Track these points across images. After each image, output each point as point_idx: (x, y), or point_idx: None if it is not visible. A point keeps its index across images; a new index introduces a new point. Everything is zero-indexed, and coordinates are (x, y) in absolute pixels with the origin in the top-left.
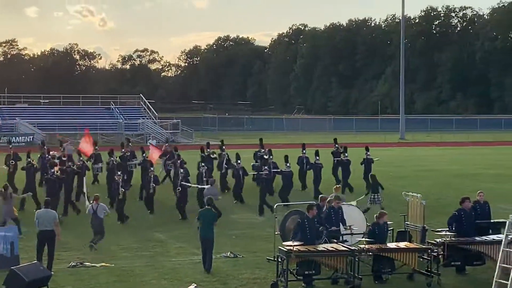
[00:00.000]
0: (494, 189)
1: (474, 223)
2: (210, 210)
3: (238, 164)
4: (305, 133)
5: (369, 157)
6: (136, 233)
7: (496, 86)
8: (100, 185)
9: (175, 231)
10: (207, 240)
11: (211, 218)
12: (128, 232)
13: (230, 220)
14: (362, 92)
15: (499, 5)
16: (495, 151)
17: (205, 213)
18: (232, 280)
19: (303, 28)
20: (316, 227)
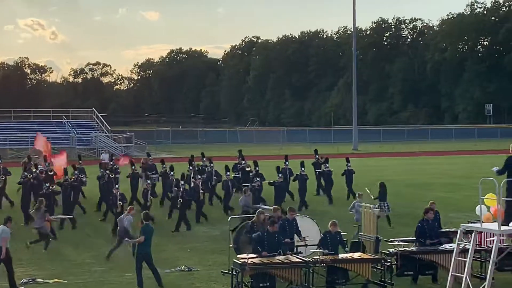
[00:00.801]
0: (445, 199)
1: (438, 233)
2: (149, 226)
3: (227, 176)
4: (259, 145)
5: (350, 168)
6: (92, 248)
7: (447, 97)
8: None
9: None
10: (146, 255)
11: (150, 233)
12: (84, 247)
13: (188, 233)
14: (315, 103)
15: (448, 17)
16: (446, 161)
17: (146, 229)
18: None
19: (256, 40)
20: (278, 241)
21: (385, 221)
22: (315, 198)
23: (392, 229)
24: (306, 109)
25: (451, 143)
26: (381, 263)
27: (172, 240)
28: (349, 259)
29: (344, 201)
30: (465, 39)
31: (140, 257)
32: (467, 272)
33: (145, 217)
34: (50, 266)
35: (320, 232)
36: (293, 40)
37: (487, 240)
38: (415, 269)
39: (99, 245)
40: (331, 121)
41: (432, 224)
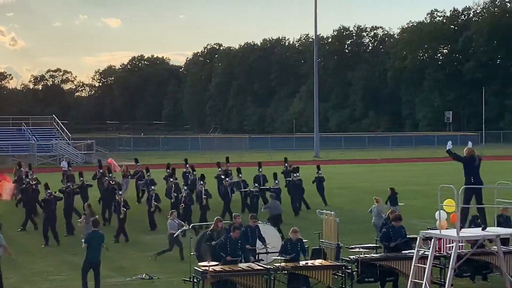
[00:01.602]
0: (405, 206)
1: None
2: (98, 232)
3: (201, 185)
4: (221, 152)
5: (320, 176)
6: (53, 256)
7: (407, 104)
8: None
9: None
10: (95, 263)
11: (99, 240)
12: (42, 255)
13: (147, 241)
14: (277, 110)
15: (409, 25)
16: (407, 168)
17: (94, 236)
18: None
19: (218, 48)
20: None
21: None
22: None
23: (357, 236)
24: (268, 116)
25: (411, 150)
26: (342, 270)
27: (133, 247)
28: (310, 266)
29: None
30: (425, 47)
31: (87, 265)
32: (426, 278)
33: (93, 223)
34: (7, 275)
35: (281, 240)
36: (255, 48)
37: (447, 247)
38: (375, 276)
39: (60, 253)
40: (293, 128)
41: (398, 230)
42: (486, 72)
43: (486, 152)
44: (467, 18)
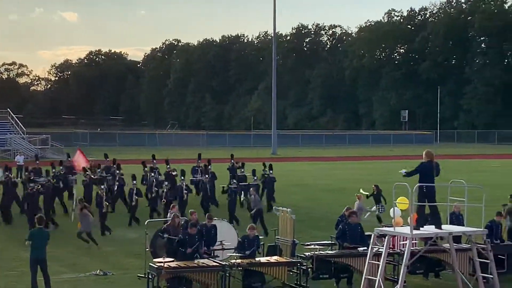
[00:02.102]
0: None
1: (359, 237)
2: (41, 230)
3: (182, 180)
4: (178, 148)
5: (271, 176)
6: (6, 251)
7: (364, 103)
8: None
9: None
10: (41, 261)
11: (43, 238)
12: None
13: (104, 237)
14: (235, 107)
15: (367, 24)
16: (363, 166)
17: (37, 233)
18: None
19: (176, 44)
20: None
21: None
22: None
23: (313, 233)
24: (226, 113)
25: (368, 148)
26: (297, 266)
27: (87, 244)
28: (266, 263)
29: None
30: (382, 46)
31: (32, 263)
32: (380, 275)
33: (38, 221)
34: None
35: (237, 236)
36: (214, 44)
37: (400, 244)
38: (330, 273)
39: (15, 247)
40: (251, 125)
41: (354, 227)
42: (441, 72)
43: (440, 151)
44: (423, 18)
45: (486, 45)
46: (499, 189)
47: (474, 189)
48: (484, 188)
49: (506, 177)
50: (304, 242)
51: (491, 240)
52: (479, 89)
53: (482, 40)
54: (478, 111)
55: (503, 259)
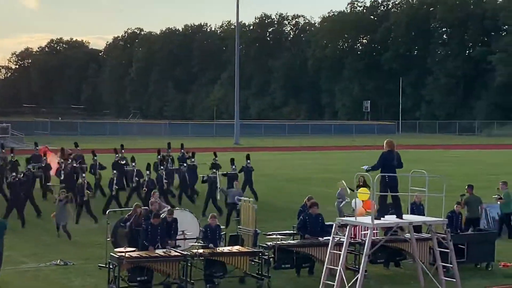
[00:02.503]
0: (323, 193)
1: (320, 227)
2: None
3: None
4: (140, 138)
5: (249, 166)
6: None
7: (327, 93)
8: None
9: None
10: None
11: (1, 229)
12: None
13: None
14: (198, 97)
15: (330, 14)
16: (325, 156)
17: None
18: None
19: (139, 32)
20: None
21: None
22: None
23: (275, 223)
24: (189, 103)
25: (330, 138)
26: (259, 256)
27: (47, 233)
28: (227, 253)
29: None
30: (345, 37)
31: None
32: (341, 264)
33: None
34: None
35: (199, 226)
36: (176, 33)
37: (362, 234)
38: (292, 262)
39: None
40: (213, 115)
41: (315, 218)
42: (403, 63)
43: (402, 141)
44: (386, 9)
45: (447, 36)
46: (459, 179)
47: (435, 179)
48: (444, 178)
49: (466, 167)
50: (266, 232)
51: (451, 229)
52: (440, 80)
53: (444, 31)
54: (439, 102)
55: (463, 249)
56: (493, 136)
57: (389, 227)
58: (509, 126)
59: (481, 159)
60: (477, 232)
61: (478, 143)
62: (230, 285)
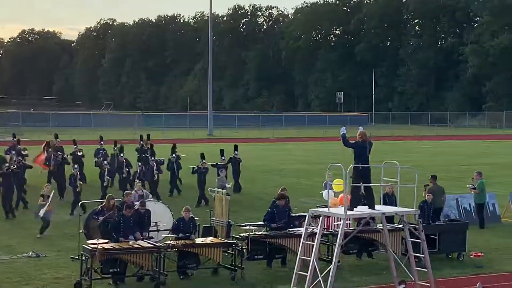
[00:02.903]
0: (296, 184)
1: (287, 218)
2: None
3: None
4: (113, 129)
5: (236, 157)
6: None
7: (300, 84)
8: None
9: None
10: None
11: None
12: None
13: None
14: (171, 88)
15: (303, 6)
16: (299, 147)
17: None
18: (34, 280)
19: (112, 23)
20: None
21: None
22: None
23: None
24: (162, 94)
25: (303, 129)
26: (232, 247)
27: (20, 225)
28: (200, 244)
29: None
30: (318, 28)
31: None
32: (314, 255)
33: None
34: None
35: (173, 218)
36: (149, 24)
37: (335, 224)
38: (265, 253)
39: None
40: (187, 106)
41: (282, 210)
42: (376, 54)
43: (375, 132)
44: (359, 0)
45: (420, 27)
46: (431, 170)
47: (407, 170)
48: (416, 169)
49: (438, 158)
50: (239, 223)
51: (423, 220)
52: (413, 71)
53: (416, 22)
54: (411, 93)
55: (435, 239)
56: (464, 127)
57: (361, 218)
58: (481, 117)
59: (453, 150)
60: (449, 222)
61: (450, 134)
62: (204, 276)
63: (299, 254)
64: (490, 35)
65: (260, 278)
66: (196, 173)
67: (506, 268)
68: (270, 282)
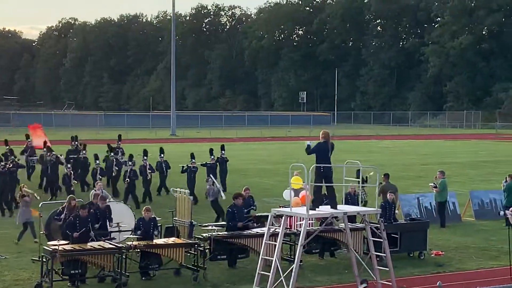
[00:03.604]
0: (259, 184)
1: (245, 218)
2: None
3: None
4: (75, 129)
5: (223, 156)
6: None
7: (263, 84)
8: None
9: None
10: None
11: None
12: None
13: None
14: (134, 88)
15: (266, 5)
16: (262, 147)
17: None
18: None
19: (73, 22)
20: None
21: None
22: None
23: (210, 214)
24: (124, 93)
25: (266, 129)
26: (195, 247)
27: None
28: (162, 244)
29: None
30: (281, 28)
31: None
32: (276, 255)
33: None
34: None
35: (134, 218)
36: (112, 23)
37: (297, 224)
38: (227, 253)
39: None
40: (149, 106)
41: (240, 209)
42: (339, 54)
43: (338, 132)
44: (321, 0)
45: (381, 27)
46: (393, 169)
47: (368, 169)
48: (378, 169)
49: (400, 157)
50: (201, 223)
51: (384, 219)
52: (375, 71)
53: (378, 23)
54: (374, 93)
55: (396, 238)
56: (426, 126)
57: (324, 217)
58: (442, 116)
59: (415, 149)
60: (410, 222)
61: (411, 133)
62: (166, 277)
63: (261, 254)
64: (451, 35)
65: (222, 278)
66: (185, 172)
67: (466, 267)
68: (233, 282)
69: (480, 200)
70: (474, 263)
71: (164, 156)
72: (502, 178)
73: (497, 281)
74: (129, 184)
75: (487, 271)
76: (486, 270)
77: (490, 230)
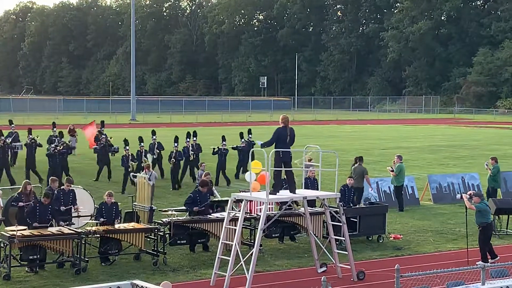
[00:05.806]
0: None
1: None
2: None
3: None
4: (34, 114)
5: (250, 140)
6: None
7: (223, 69)
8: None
9: None
10: None
11: None
12: None
13: None
14: (93, 72)
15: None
16: (222, 132)
17: None
18: None
19: (31, 6)
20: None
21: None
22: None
23: (170, 199)
24: (84, 78)
25: (227, 114)
26: (155, 232)
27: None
28: (122, 230)
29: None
30: (241, 12)
31: None
32: (236, 239)
33: None
34: None
35: (94, 204)
36: (70, 7)
37: (257, 209)
38: (187, 238)
39: None
40: (109, 90)
41: (204, 195)
42: (299, 39)
43: (298, 117)
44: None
45: (342, 13)
46: (353, 154)
47: (328, 154)
48: (337, 154)
49: (360, 141)
50: (161, 208)
51: (343, 203)
52: (335, 56)
53: (338, 8)
54: (334, 78)
55: (355, 222)
56: (385, 111)
57: (283, 202)
58: (401, 101)
59: (374, 134)
60: (369, 206)
61: (371, 118)
62: (126, 262)
63: (221, 239)
64: (410, 21)
65: (182, 263)
66: (216, 154)
67: (423, 250)
68: (193, 267)
69: (438, 184)
70: (432, 246)
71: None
72: (460, 162)
73: (454, 264)
74: (174, 164)
75: (445, 254)
76: (444, 253)
77: (448, 213)
